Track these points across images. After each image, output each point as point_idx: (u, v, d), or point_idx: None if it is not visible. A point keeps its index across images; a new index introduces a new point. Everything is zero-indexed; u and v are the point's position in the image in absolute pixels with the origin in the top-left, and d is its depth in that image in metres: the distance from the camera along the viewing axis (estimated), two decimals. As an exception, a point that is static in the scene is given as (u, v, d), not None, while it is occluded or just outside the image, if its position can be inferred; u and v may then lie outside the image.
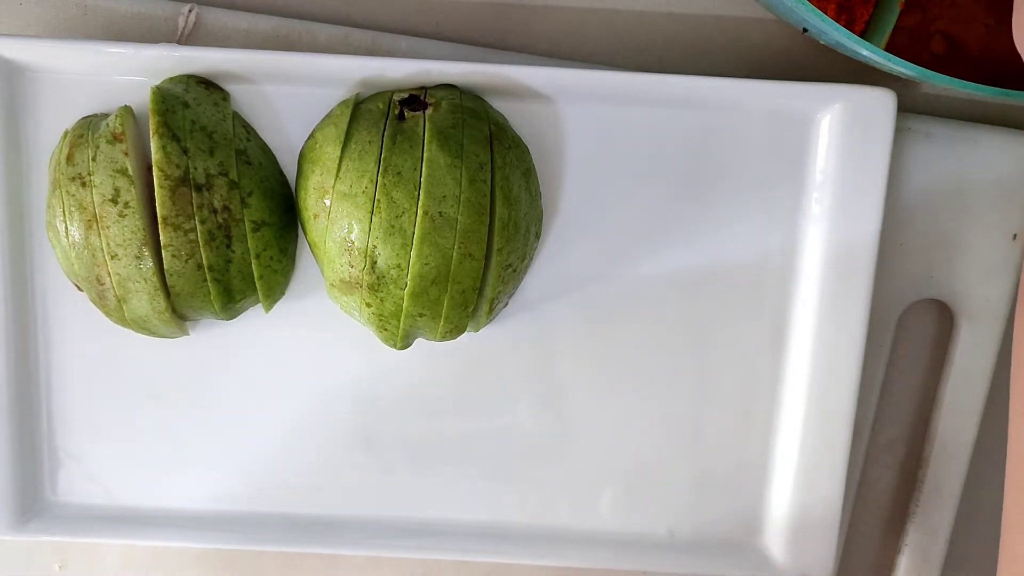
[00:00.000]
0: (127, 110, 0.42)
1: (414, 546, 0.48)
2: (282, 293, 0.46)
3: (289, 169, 0.45)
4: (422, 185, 0.40)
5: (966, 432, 0.49)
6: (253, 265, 0.43)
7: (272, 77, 0.44)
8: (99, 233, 0.41)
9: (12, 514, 0.46)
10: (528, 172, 0.44)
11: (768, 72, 0.48)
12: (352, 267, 0.41)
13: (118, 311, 0.43)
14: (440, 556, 0.48)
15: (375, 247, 0.41)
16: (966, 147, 0.47)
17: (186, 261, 0.41)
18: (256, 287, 0.43)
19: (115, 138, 0.41)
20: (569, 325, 0.47)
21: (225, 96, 0.44)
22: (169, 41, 0.47)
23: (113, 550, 0.51)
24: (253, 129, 0.44)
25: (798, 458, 0.47)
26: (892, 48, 0.44)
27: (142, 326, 0.43)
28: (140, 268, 0.41)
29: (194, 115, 0.42)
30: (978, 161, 0.47)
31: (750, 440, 0.48)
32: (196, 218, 0.41)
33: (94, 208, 0.41)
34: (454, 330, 0.43)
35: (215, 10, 0.47)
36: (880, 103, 0.44)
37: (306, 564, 0.51)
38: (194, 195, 0.41)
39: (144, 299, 0.42)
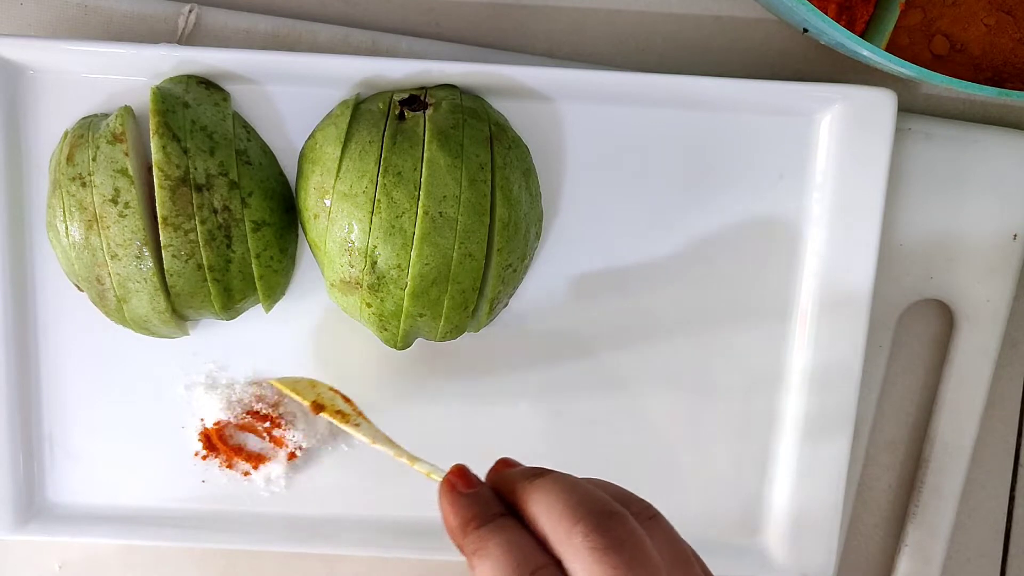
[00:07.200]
0: (127, 110, 0.42)
1: (414, 546, 0.48)
2: (282, 293, 0.46)
3: (289, 169, 0.45)
4: (422, 185, 0.40)
5: (966, 432, 0.49)
6: (253, 265, 0.43)
7: (272, 77, 0.44)
8: (99, 233, 0.41)
9: (12, 514, 0.46)
10: (528, 172, 0.44)
11: (768, 72, 0.48)
12: (352, 267, 0.41)
13: (118, 311, 0.43)
14: (440, 556, 0.48)
15: (375, 247, 0.41)
16: (966, 147, 0.47)
17: (186, 261, 0.41)
18: (256, 287, 0.43)
19: (115, 138, 0.41)
20: (569, 326, 0.47)
21: (225, 96, 0.44)
22: (169, 41, 0.47)
23: (113, 550, 0.51)
24: (253, 129, 0.44)
25: (798, 458, 0.47)
26: (892, 48, 0.44)
27: (142, 326, 0.43)
28: (140, 268, 0.41)
29: (194, 115, 0.42)
30: (978, 161, 0.47)
31: (750, 440, 0.48)
32: (196, 218, 0.41)
33: (94, 208, 0.41)
34: (454, 330, 0.43)
35: (215, 10, 0.47)
36: (880, 103, 0.44)
37: (306, 564, 0.51)
38: (194, 195, 0.41)
39: (144, 299, 0.42)
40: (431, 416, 0.48)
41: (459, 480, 0.33)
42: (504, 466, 0.34)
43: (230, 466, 0.47)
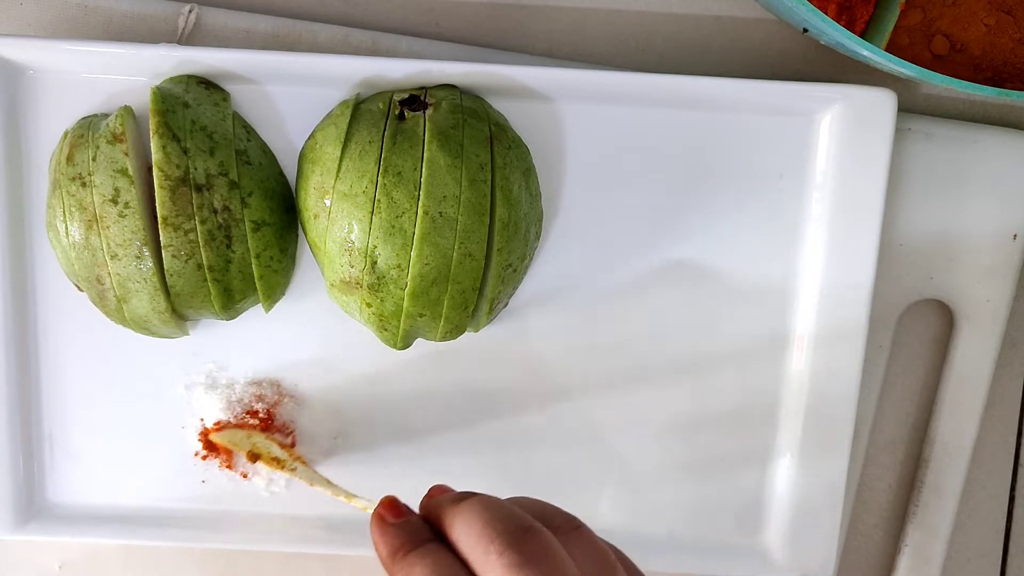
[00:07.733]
0: (127, 110, 0.42)
1: (414, 546, 0.48)
2: (282, 293, 0.46)
3: (289, 169, 0.45)
4: (422, 185, 0.40)
5: (966, 432, 0.49)
6: (253, 265, 0.43)
7: (272, 77, 0.44)
8: (99, 233, 0.41)
9: (12, 514, 0.46)
10: (528, 172, 0.44)
11: (768, 72, 0.48)
12: (352, 267, 0.41)
13: (118, 311, 0.43)
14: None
15: (375, 247, 0.41)
16: (966, 147, 0.47)
17: (186, 261, 0.41)
18: (256, 287, 0.43)
19: (115, 138, 0.41)
20: (569, 325, 0.47)
21: (225, 96, 0.44)
22: (169, 41, 0.47)
23: (113, 550, 0.51)
24: (253, 129, 0.44)
25: (798, 458, 0.47)
26: (892, 48, 0.44)
27: (142, 326, 0.43)
28: (140, 268, 0.41)
29: (194, 115, 0.42)
30: (978, 161, 0.47)
31: (750, 440, 0.48)
32: (196, 218, 0.41)
33: (94, 208, 0.41)
34: (454, 330, 0.43)
35: (215, 10, 0.47)
36: (880, 103, 0.44)
37: (306, 564, 0.51)
38: (194, 195, 0.41)
39: (144, 299, 0.42)
40: (431, 416, 0.48)
41: (388, 511, 0.34)
42: (438, 493, 0.35)
43: (230, 466, 0.47)
